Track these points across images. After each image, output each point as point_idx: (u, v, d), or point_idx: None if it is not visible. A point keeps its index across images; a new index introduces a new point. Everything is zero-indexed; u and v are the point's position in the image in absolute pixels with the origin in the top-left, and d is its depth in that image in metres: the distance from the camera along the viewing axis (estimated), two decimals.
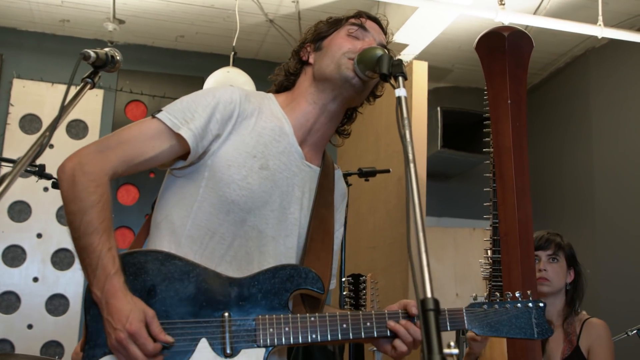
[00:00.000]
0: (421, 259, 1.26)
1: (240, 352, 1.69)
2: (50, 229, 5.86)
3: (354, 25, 1.98)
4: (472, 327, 1.81)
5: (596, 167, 5.89)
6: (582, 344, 2.96)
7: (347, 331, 1.75)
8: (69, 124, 6.07)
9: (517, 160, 2.30)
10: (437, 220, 6.80)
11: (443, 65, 6.45)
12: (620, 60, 5.74)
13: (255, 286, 1.75)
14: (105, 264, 1.63)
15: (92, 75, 1.79)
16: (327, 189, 2.04)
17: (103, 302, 1.62)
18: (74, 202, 1.69)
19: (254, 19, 5.76)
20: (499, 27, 2.41)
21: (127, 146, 1.77)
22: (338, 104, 1.97)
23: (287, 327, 1.71)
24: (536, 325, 1.83)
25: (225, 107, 1.84)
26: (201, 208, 1.81)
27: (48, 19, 5.91)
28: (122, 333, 1.58)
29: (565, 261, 3.06)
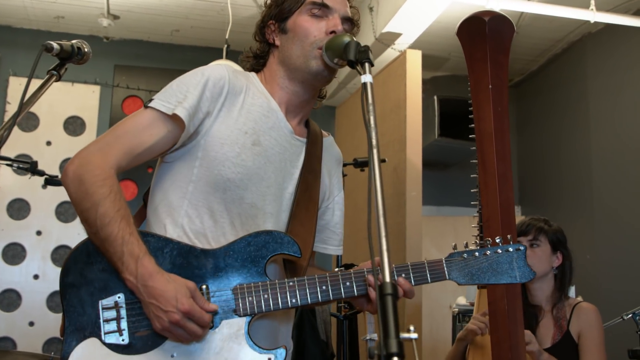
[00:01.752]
0: (381, 244, 1.25)
1: (221, 323, 1.69)
2: (50, 226, 5.89)
3: (316, 5, 1.95)
4: (453, 277, 1.79)
5: (594, 153, 5.87)
6: (572, 329, 2.94)
7: (327, 292, 1.74)
8: (66, 120, 6.09)
9: (498, 145, 2.28)
10: (437, 209, 6.79)
11: (439, 54, 6.43)
12: (616, 45, 5.70)
13: (230, 256, 1.75)
14: (131, 249, 1.63)
15: (58, 67, 1.77)
16: (314, 157, 2.04)
17: (140, 287, 1.62)
18: (84, 199, 1.68)
19: (248, 11, 5.74)
20: (479, 12, 2.37)
21: (126, 139, 1.77)
22: (309, 91, 1.99)
23: (265, 294, 1.71)
24: (518, 269, 1.82)
25: (215, 84, 1.84)
26: (197, 188, 1.82)
27: (43, 16, 5.92)
28: (177, 314, 1.58)
29: (550, 245, 3.04)
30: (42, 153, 5.91)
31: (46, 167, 3.88)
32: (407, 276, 1.76)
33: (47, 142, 6.02)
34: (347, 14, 1.99)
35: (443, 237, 6.20)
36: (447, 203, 6.80)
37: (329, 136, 2.16)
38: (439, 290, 5.83)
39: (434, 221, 6.39)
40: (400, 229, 4.81)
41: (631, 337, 3.64)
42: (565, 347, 2.90)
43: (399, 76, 5.09)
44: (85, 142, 5.85)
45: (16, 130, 5.92)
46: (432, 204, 6.70)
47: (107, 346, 1.66)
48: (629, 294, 4.97)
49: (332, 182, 2.12)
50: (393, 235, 4.90)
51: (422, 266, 1.79)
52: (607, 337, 3.04)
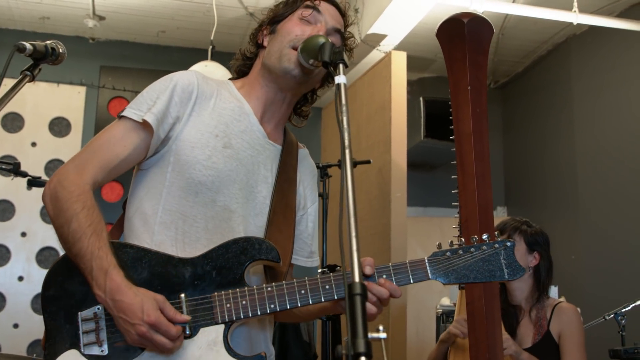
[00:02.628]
0: (351, 244, 1.25)
1: (199, 331, 1.68)
2: (35, 228, 5.86)
3: (308, 8, 1.97)
4: (436, 277, 1.72)
5: (579, 153, 5.90)
6: (552, 329, 2.96)
7: (306, 297, 1.70)
8: (51, 121, 6.07)
9: (477, 146, 2.29)
10: (423, 210, 6.81)
11: (425, 55, 6.44)
12: (600, 47, 5.74)
13: (208, 264, 1.74)
14: (100, 263, 1.63)
15: (32, 68, 1.76)
16: (290, 166, 2.04)
17: (109, 301, 1.62)
18: (59, 215, 1.70)
19: (235, 12, 5.75)
20: (458, 13, 2.38)
21: (101, 153, 1.78)
22: (285, 93, 1.99)
23: (244, 301, 1.69)
24: (506, 266, 1.72)
25: (183, 89, 1.85)
26: (170, 193, 1.82)
27: (28, 16, 5.90)
28: (143, 326, 1.58)
29: (525, 245, 3.05)
30: (27, 154, 5.89)
31: (31, 168, 3.87)
32: (388, 277, 1.72)
33: (32, 143, 6.00)
34: (336, 26, 1.99)
35: (429, 238, 6.22)
36: (433, 204, 6.82)
37: (304, 148, 2.17)
38: (425, 292, 5.84)
39: (420, 222, 6.40)
40: (385, 229, 4.82)
41: (613, 337, 3.67)
42: (545, 347, 2.92)
43: (384, 77, 5.10)
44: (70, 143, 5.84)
45: (1, 131, 5.93)
46: (418, 204, 6.71)
47: (86, 357, 1.67)
48: (612, 294, 5.00)
49: (306, 193, 2.12)
50: (378, 236, 4.91)
51: (403, 266, 1.75)
52: (589, 337, 3.06)
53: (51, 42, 1.84)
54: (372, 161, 4.77)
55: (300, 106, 2.13)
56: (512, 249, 1.75)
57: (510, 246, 1.75)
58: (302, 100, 2.12)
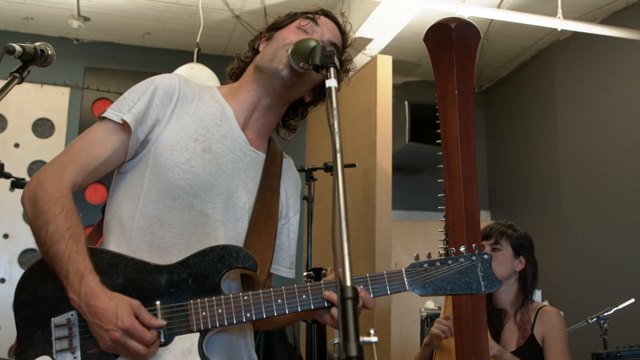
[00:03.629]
0: (343, 248, 1.26)
1: (174, 339, 1.66)
2: (17, 230, 5.81)
3: (307, 19, 1.99)
4: (413, 289, 1.72)
5: (561, 158, 5.95)
6: (536, 333, 2.97)
7: (283, 306, 1.69)
8: (35, 122, 6.03)
9: (463, 150, 2.30)
10: (408, 213, 6.83)
11: (411, 59, 6.48)
12: (583, 53, 5.79)
13: (185, 271, 1.72)
14: (76, 267, 1.61)
15: (21, 69, 1.75)
16: (273, 175, 2.03)
17: (83, 306, 1.60)
18: (37, 218, 1.68)
19: (220, 15, 5.75)
20: (446, 18, 2.40)
21: (80, 155, 1.77)
22: (272, 96, 1.97)
23: (220, 309, 1.67)
24: (483, 279, 1.73)
25: (164, 91, 1.85)
26: (147, 197, 1.79)
27: (11, 16, 5.86)
28: (117, 332, 1.56)
29: (512, 250, 3.07)
30: (10, 155, 5.84)
31: (14, 169, 3.83)
32: (365, 288, 1.71)
33: (15, 144, 5.96)
34: (332, 40, 1.99)
35: (413, 242, 6.24)
36: (418, 208, 6.84)
37: (289, 158, 2.16)
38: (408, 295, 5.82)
39: (405, 225, 6.42)
40: (370, 233, 4.83)
41: (596, 341, 3.70)
42: (529, 350, 2.93)
43: (370, 81, 5.11)
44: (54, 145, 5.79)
45: None
46: (402, 208, 6.73)
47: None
48: (594, 298, 5.04)
49: (289, 202, 2.10)
50: (363, 239, 4.91)
51: (381, 277, 1.74)
52: (572, 341, 3.08)
53: (40, 44, 1.83)
54: (358, 165, 4.79)
55: (289, 119, 2.12)
56: (489, 261, 1.76)
57: (487, 259, 1.76)
58: (291, 114, 2.11)
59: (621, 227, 5.19)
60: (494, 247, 3.05)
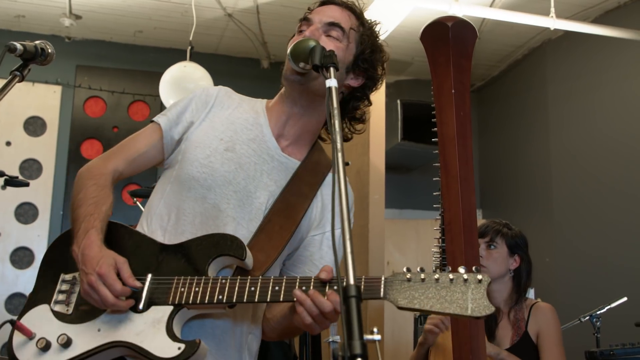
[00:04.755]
0: (345, 247, 1.27)
1: (150, 308, 1.75)
2: (9, 228, 5.79)
3: (301, 22, 2.04)
4: (390, 298, 1.55)
5: (553, 157, 5.97)
6: (530, 329, 2.99)
7: (254, 294, 1.71)
8: (26, 120, 6.00)
9: (460, 149, 2.30)
10: (400, 212, 6.84)
11: (403, 58, 6.48)
12: (575, 52, 5.82)
13: (181, 252, 1.84)
14: (86, 225, 1.78)
15: (21, 68, 1.78)
16: (306, 182, 2.01)
17: (79, 255, 1.74)
18: (75, 191, 1.91)
19: (213, 13, 5.74)
20: (442, 17, 2.40)
21: (126, 147, 2.02)
22: (299, 103, 1.99)
23: (197, 288, 1.73)
24: (471, 301, 1.51)
25: (202, 97, 2.05)
26: (172, 188, 1.96)
27: (2, 14, 5.83)
28: (93, 276, 1.68)
29: (507, 248, 3.09)
30: (2, 153, 5.82)
31: (6, 167, 3.84)
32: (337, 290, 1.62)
33: (7, 142, 5.93)
34: (329, 20, 1.99)
35: (405, 240, 6.25)
36: (410, 206, 6.85)
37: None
38: None
39: (397, 224, 6.44)
40: (363, 231, 4.84)
41: (588, 339, 3.72)
42: (524, 347, 2.95)
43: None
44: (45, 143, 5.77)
45: None
46: (394, 207, 6.74)
47: (53, 313, 1.82)
48: (586, 296, 5.07)
49: (326, 216, 2.03)
50: (355, 237, 4.92)
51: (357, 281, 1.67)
52: (565, 339, 3.10)
53: (40, 42, 1.89)
54: (350, 163, 4.80)
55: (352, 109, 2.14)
56: (485, 285, 1.54)
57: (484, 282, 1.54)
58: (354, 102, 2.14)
59: (612, 226, 5.22)
60: (489, 244, 3.07)
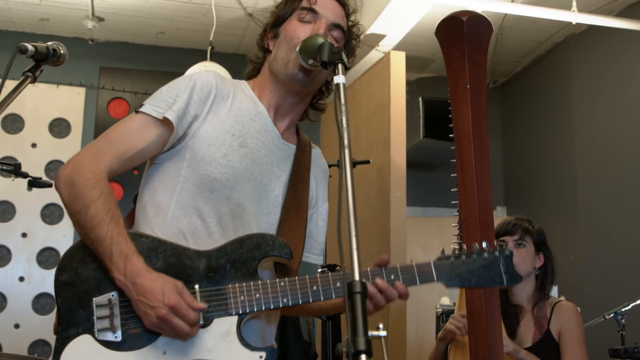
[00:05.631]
0: (351, 243, 1.26)
1: (213, 321, 1.71)
2: (35, 228, 5.86)
3: (304, 10, 2.00)
4: (441, 280, 1.81)
5: (578, 153, 5.90)
6: (552, 328, 2.95)
7: (318, 293, 1.75)
8: (51, 122, 6.07)
9: (476, 145, 2.30)
10: (423, 210, 6.81)
11: (425, 55, 6.45)
12: (599, 46, 5.74)
13: (223, 257, 1.78)
14: (120, 248, 1.67)
15: (34, 69, 1.78)
16: (303, 165, 2.08)
17: (129, 285, 1.65)
18: (75, 201, 1.73)
19: (233, 13, 5.75)
20: (457, 12, 2.39)
21: (117, 143, 1.83)
22: (294, 97, 2.02)
23: (257, 294, 1.73)
24: (505, 273, 1.83)
25: (202, 88, 1.91)
26: (184, 188, 1.86)
27: (27, 18, 5.90)
28: (163, 309, 1.61)
29: (534, 246, 3.06)
30: (27, 155, 5.89)
31: (31, 169, 3.87)
32: (395, 277, 1.78)
33: (32, 144, 6.00)
34: (336, 21, 2.01)
35: (428, 238, 6.22)
36: (433, 204, 6.81)
37: (317, 147, 2.21)
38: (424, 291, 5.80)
39: (419, 222, 6.41)
40: (385, 229, 4.83)
41: (613, 337, 3.67)
42: (546, 346, 2.92)
43: (383, 77, 5.11)
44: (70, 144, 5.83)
45: (1, 133, 5.93)
46: (417, 205, 6.71)
47: (100, 343, 1.69)
48: (611, 293, 5.00)
49: (318, 192, 2.15)
50: (377, 236, 4.91)
51: (410, 268, 1.80)
52: (589, 337, 3.06)
53: (52, 43, 1.87)
54: (372, 161, 4.79)
55: (316, 100, 2.16)
56: (510, 257, 1.86)
57: (508, 255, 1.86)
58: (317, 94, 2.15)
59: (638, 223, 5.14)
60: (518, 243, 3.03)
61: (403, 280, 1.78)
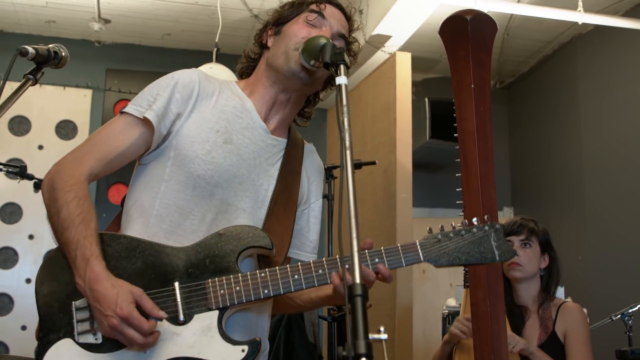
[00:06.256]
0: (352, 246, 1.25)
1: (193, 317, 1.70)
2: (42, 230, 5.87)
3: (313, 13, 1.99)
4: (428, 260, 1.74)
5: (585, 153, 5.88)
6: (558, 329, 2.94)
7: (300, 281, 1.72)
8: (58, 124, 6.09)
9: (480, 145, 2.28)
10: (430, 211, 6.79)
11: (431, 55, 6.43)
12: (606, 46, 5.71)
13: (202, 252, 1.76)
14: (84, 252, 1.65)
15: (35, 71, 1.78)
16: (295, 159, 2.06)
17: (87, 290, 1.63)
18: (52, 204, 1.74)
19: (239, 14, 5.75)
20: (461, 10, 2.37)
21: (100, 146, 1.83)
22: (290, 94, 2.00)
23: (237, 287, 1.71)
24: (497, 248, 1.74)
25: (184, 86, 1.89)
26: (168, 187, 1.84)
27: (33, 20, 5.92)
28: (115, 319, 1.58)
29: (539, 246, 3.04)
30: (34, 157, 5.90)
31: (38, 171, 3.88)
32: (380, 260, 1.74)
33: (39, 146, 6.02)
34: (341, 31, 2.01)
35: None
36: (440, 205, 6.79)
37: (310, 144, 2.19)
38: (431, 293, 5.83)
39: (427, 223, 6.32)
40: (391, 230, 4.81)
41: (620, 338, 3.65)
42: (551, 347, 2.90)
43: (389, 78, 5.09)
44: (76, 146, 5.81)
45: (8, 135, 5.95)
46: (424, 206, 6.69)
47: (80, 346, 1.68)
48: (619, 294, 4.97)
49: (311, 188, 2.13)
50: (383, 236, 4.90)
51: (395, 250, 1.76)
52: (596, 338, 3.04)
53: (54, 45, 1.86)
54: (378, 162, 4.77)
55: (303, 108, 2.14)
56: (501, 231, 1.77)
57: (499, 228, 1.77)
58: (305, 103, 2.14)
59: None
60: (525, 243, 3.02)
61: (388, 263, 1.74)
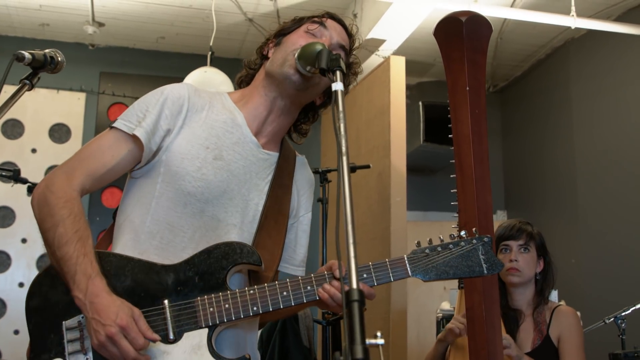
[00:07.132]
0: (349, 251, 1.26)
1: (183, 335, 1.70)
2: (35, 234, 5.80)
3: (314, 23, 2.00)
4: (416, 274, 1.74)
5: (578, 156, 5.90)
6: (552, 333, 2.94)
7: (289, 298, 1.73)
8: (51, 128, 6.07)
9: (476, 148, 2.27)
10: (424, 214, 6.80)
11: (425, 59, 6.45)
12: (598, 50, 5.74)
13: (191, 269, 1.76)
14: (84, 268, 1.65)
15: (31, 76, 1.78)
16: (286, 172, 2.06)
17: (87, 303, 1.63)
18: (46, 219, 1.73)
19: (233, 18, 5.76)
20: (456, 12, 2.35)
21: (89, 161, 1.82)
22: (285, 100, 1.98)
23: (227, 304, 1.71)
24: (485, 262, 1.76)
25: (173, 102, 1.87)
26: (159, 203, 1.83)
27: (27, 23, 5.91)
28: (113, 328, 1.59)
29: (536, 251, 3.04)
30: (27, 160, 5.89)
31: (31, 174, 3.87)
32: (368, 276, 1.75)
33: (32, 149, 6.00)
34: (341, 43, 2.01)
35: None
36: (434, 208, 6.81)
37: (302, 157, 2.18)
38: (425, 296, 5.83)
39: (420, 226, 6.40)
40: (385, 234, 4.82)
41: (613, 341, 3.66)
42: (545, 351, 2.90)
43: (383, 82, 5.11)
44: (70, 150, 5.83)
45: (1, 138, 5.93)
46: (418, 209, 6.70)
47: None
48: (612, 298, 4.99)
49: (300, 201, 2.12)
50: (377, 240, 4.90)
51: (383, 265, 1.77)
52: (589, 341, 3.05)
53: (50, 50, 1.86)
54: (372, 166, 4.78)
55: (300, 123, 2.13)
56: (489, 244, 1.79)
57: (487, 242, 1.79)
58: (303, 117, 2.13)
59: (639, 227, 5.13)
60: (523, 248, 3.02)
61: (376, 278, 1.75)
